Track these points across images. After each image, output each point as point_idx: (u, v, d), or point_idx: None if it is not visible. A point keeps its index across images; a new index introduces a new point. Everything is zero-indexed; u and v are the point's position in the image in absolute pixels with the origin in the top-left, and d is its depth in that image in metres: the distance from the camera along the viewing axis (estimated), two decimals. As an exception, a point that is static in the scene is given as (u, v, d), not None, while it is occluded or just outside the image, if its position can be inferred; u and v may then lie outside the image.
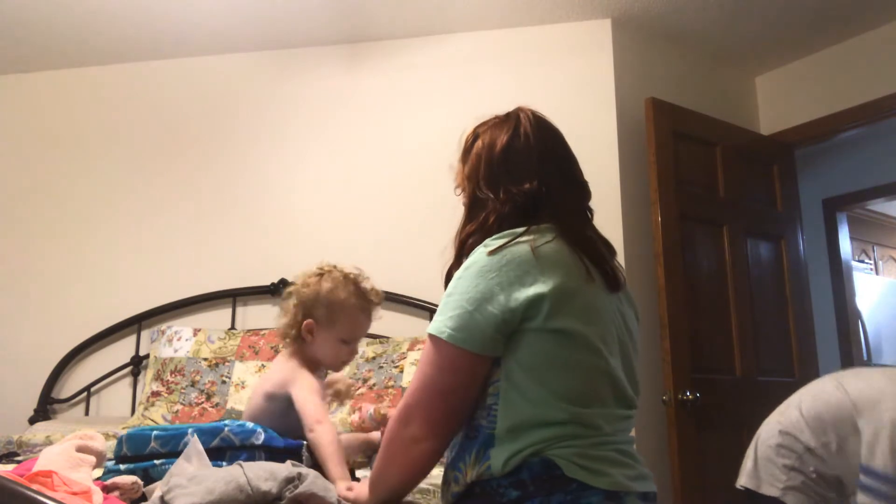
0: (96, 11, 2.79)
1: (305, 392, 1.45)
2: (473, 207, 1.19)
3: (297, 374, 1.50)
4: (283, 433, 1.36)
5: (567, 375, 1.02)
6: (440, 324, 1.04)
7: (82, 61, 3.18)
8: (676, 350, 2.53)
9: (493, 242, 1.06)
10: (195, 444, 1.17)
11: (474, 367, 1.03)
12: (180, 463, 1.13)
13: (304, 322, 1.56)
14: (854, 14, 2.89)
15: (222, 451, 1.26)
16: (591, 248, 1.11)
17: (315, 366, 1.58)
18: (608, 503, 0.97)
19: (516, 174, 1.14)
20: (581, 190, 1.20)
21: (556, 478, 0.97)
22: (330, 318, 1.54)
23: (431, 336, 1.05)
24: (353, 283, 1.59)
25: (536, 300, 1.00)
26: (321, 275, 1.59)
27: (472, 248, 1.10)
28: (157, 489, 1.06)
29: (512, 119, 1.23)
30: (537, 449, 0.99)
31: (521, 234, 1.06)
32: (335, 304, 1.54)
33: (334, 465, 1.32)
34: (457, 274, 1.08)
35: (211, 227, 2.99)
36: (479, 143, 1.25)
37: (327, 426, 1.38)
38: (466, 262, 1.07)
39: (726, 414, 2.60)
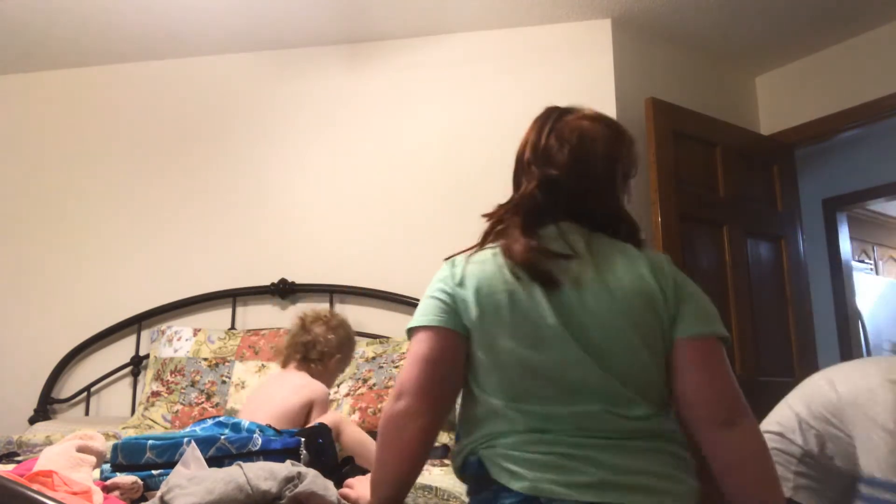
0: (96, 11, 2.79)
1: (323, 408, 1.86)
2: None
3: (320, 399, 1.87)
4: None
5: (490, 371, 1.08)
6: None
7: (82, 61, 3.18)
8: (676, 350, 2.53)
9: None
10: (193, 450, 1.17)
11: (441, 340, 1.10)
12: (179, 470, 1.13)
13: (337, 356, 1.99)
14: (854, 14, 2.89)
15: (219, 459, 1.24)
16: (528, 252, 1.09)
17: None
18: None
19: (518, 179, 1.25)
20: (553, 190, 1.15)
21: (483, 478, 1.04)
22: (346, 357, 2.04)
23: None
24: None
25: (459, 297, 1.11)
26: (343, 322, 2.08)
27: None
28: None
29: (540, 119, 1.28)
30: (472, 448, 1.08)
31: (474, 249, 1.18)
32: (352, 348, 2.07)
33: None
34: None
35: (211, 227, 2.99)
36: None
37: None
38: None
39: (726, 414, 2.60)
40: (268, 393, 1.90)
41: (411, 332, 1.14)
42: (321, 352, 1.96)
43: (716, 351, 1.08)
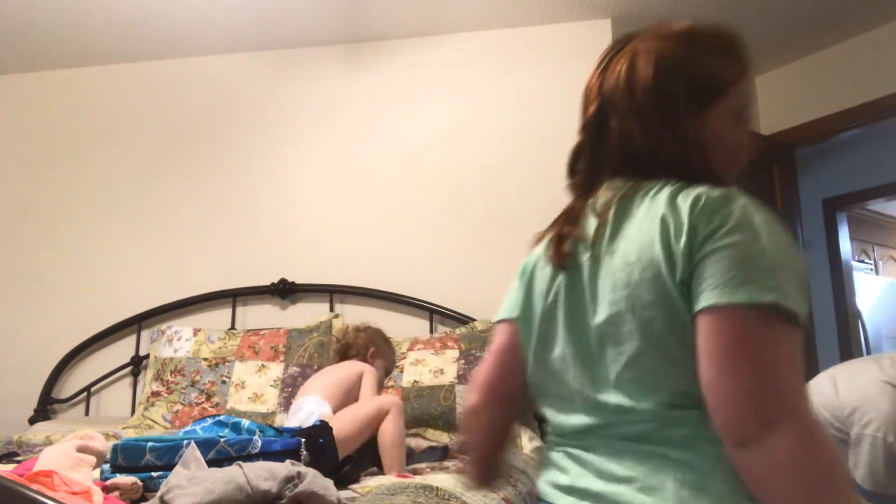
0: (96, 11, 2.79)
1: (372, 380, 2.03)
2: None
3: (369, 369, 2.07)
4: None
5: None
6: None
7: (82, 61, 3.18)
8: (676, 350, 2.53)
9: None
10: (193, 451, 1.17)
11: (504, 332, 1.02)
12: (178, 470, 1.13)
13: (372, 348, 2.18)
14: (854, 14, 2.89)
15: (219, 462, 1.24)
16: (558, 224, 0.96)
17: None
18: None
19: None
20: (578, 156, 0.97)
21: None
22: (383, 351, 2.22)
23: None
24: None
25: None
26: (369, 326, 2.30)
27: None
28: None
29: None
30: None
31: None
32: (387, 347, 2.25)
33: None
34: None
35: (211, 227, 2.99)
36: None
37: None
38: None
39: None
40: (321, 378, 2.06)
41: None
42: (358, 346, 2.20)
43: (732, 329, 0.74)
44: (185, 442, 1.24)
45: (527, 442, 2.28)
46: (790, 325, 0.74)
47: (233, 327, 2.83)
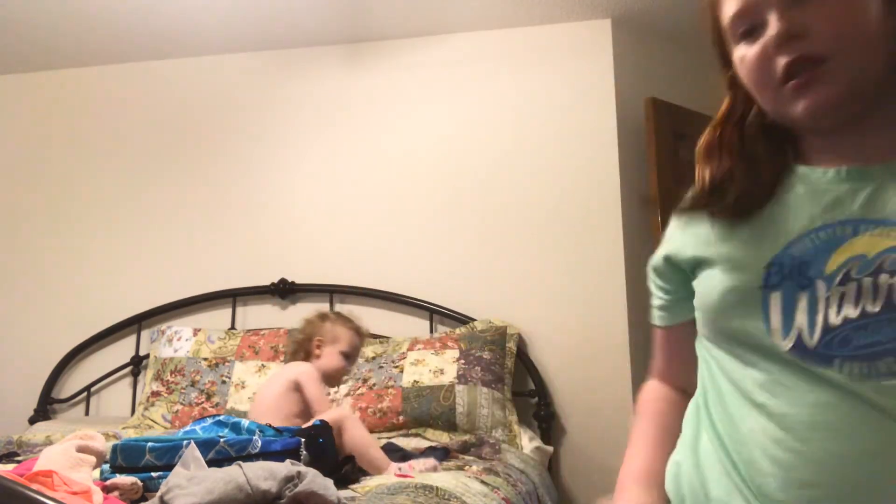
0: (96, 11, 2.79)
1: (312, 384, 1.90)
2: None
3: (303, 372, 1.93)
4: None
5: None
6: None
7: (82, 61, 3.18)
8: (676, 350, 2.53)
9: None
10: (192, 450, 1.17)
11: None
12: (178, 470, 1.13)
13: (315, 339, 2.02)
14: (854, 14, 2.89)
15: (219, 462, 1.23)
16: None
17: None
18: None
19: None
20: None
21: None
22: (334, 335, 2.02)
23: None
24: (345, 316, 2.14)
25: None
26: (324, 314, 2.15)
27: None
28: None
29: None
30: None
31: None
32: (337, 325, 2.06)
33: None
34: None
35: (211, 227, 2.99)
36: None
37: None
38: None
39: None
40: (262, 391, 2.00)
41: None
42: (303, 343, 2.07)
43: None
44: (185, 442, 1.24)
45: (527, 442, 2.29)
46: None
47: (233, 327, 2.83)
